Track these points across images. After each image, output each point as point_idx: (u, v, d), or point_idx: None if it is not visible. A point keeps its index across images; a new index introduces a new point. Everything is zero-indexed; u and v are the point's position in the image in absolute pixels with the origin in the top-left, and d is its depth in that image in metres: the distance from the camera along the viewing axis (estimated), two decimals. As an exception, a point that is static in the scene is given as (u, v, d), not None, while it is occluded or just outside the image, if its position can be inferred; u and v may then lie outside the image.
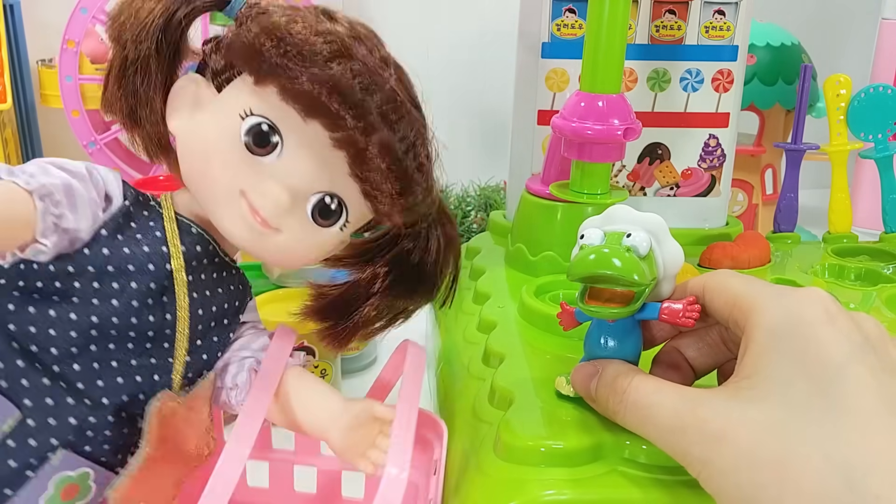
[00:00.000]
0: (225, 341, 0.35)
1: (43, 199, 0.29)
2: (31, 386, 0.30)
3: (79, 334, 0.31)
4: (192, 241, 0.34)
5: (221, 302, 0.35)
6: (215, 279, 0.35)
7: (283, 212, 0.32)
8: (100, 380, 0.31)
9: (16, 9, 0.79)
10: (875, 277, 0.57)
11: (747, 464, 0.27)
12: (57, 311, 0.30)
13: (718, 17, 0.60)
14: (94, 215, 0.31)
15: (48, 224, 0.29)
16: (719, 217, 0.65)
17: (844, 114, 0.65)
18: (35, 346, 0.30)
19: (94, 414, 0.31)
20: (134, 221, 0.33)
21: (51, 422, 0.30)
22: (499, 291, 0.53)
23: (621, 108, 0.51)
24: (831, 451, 0.26)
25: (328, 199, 0.33)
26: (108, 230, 0.32)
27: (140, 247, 0.32)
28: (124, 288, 0.31)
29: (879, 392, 0.27)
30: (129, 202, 0.33)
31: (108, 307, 0.31)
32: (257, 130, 0.32)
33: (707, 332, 0.36)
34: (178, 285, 0.33)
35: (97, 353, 0.31)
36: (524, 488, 0.33)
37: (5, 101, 0.76)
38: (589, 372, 0.35)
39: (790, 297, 0.30)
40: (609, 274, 0.32)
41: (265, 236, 0.33)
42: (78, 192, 0.30)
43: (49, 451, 0.31)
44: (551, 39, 0.60)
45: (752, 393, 0.29)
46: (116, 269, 0.31)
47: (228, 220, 0.33)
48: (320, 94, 0.30)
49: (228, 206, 0.33)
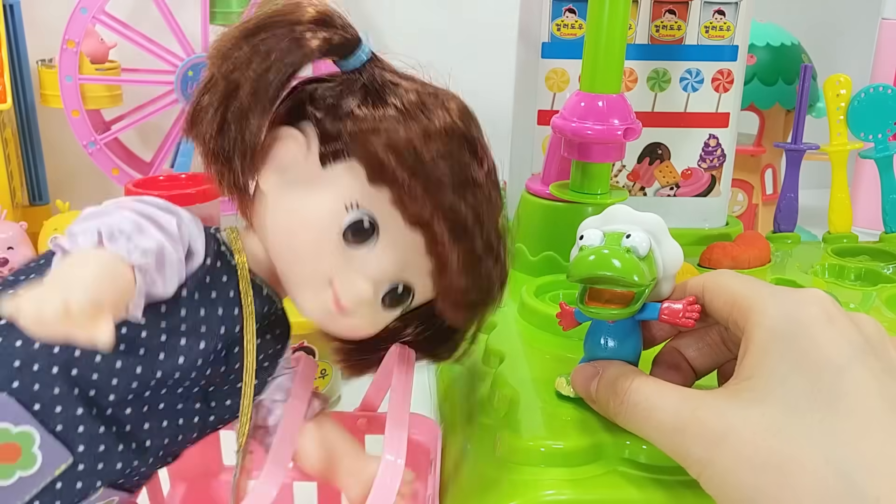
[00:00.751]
0: (263, 383, 0.35)
1: (143, 273, 0.28)
2: (86, 433, 0.29)
3: (139, 385, 0.30)
4: (262, 303, 0.33)
5: (268, 348, 0.35)
6: (267, 325, 0.34)
7: (365, 304, 0.32)
8: (147, 422, 0.31)
9: (16, 9, 0.79)
10: (875, 277, 0.57)
11: (747, 465, 0.27)
12: (123, 362, 0.30)
13: (718, 17, 0.60)
14: (178, 278, 0.30)
15: (141, 294, 0.28)
16: (719, 217, 0.65)
17: (844, 114, 0.65)
18: (95, 391, 0.30)
19: (139, 457, 0.31)
20: (210, 277, 0.32)
21: (99, 466, 0.30)
22: (499, 291, 0.53)
23: (621, 108, 0.51)
24: (831, 452, 0.26)
25: (400, 288, 0.33)
26: (188, 290, 0.31)
27: (215, 308, 0.31)
28: (192, 347, 0.31)
29: (879, 393, 0.27)
30: (210, 261, 0.32)
31: (174, 363, 0.30)
32: (359, 226, 0.31)
33: (707, 332, 0.36)
34: (248, 344, 0.32)
35: (150, 398, 0.31)
36: (524, 488, 0.33)
37: (5, 101, 0.76)
38: (589, 373, 0.35)
39: (790, 297, 0.30)
40: (609, 275, 0.32)
41: (338, 319, 0.33)
42: (169, 257, 0.29)
43: (92, 491, 0.30)
44: (551, 39, 0.60)
45: (752, 394, 0.29)
46: (188, 329, 0.31)
47: (308, 303, 0.33)
48: (433, 218, 0.30)
49: (313, 289, 0.32)
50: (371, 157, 0.30)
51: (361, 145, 0.31)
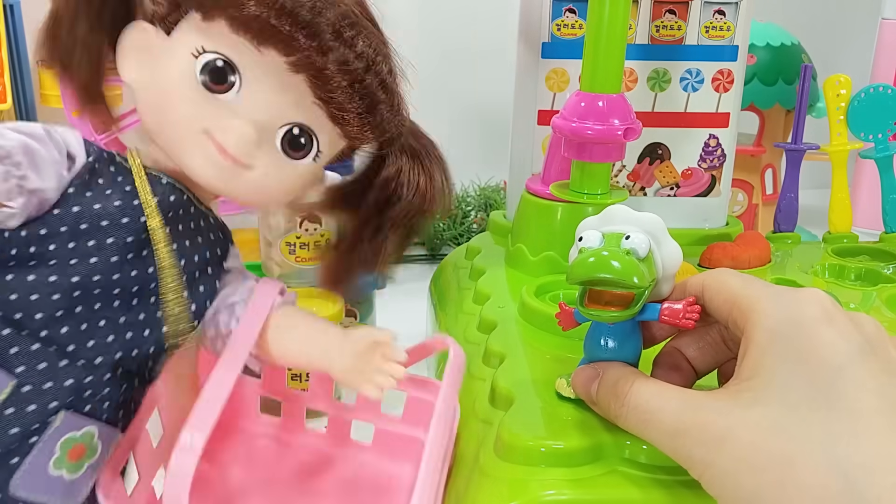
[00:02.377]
0: (212, 290, 0.35)
1: (2, 161, 0.29)
2: (21, 352, 0.30)
3: (62, 296, 0.30)
4: (165, 192, 0.33)
5: (203, 251, 0.35)
6: (193, 228, 0.34)
7: (250, 146, 0.32)
8: (90, 340, 0.31)
9: (16, 9, 0.79)
10: (875, 277, 0.57)
11: (748, 465, 0.27)
12: (36, 276, 0.30)
13: (718, 17, 0.60)
14: (58, 175, 0.31)
15: (11, 186, 0.29)
16: (719, 217, 0.65)
17: (844, 114, 0.65)
18: (19, 313, 0.30)
19: (90, 374, 0.31)
20: (101, 177, 0.32)
21: (47, 385, 0.30)
22: (499, 291, 0.53)
23: (621, 108, 0.51)
24: (832, 452, 0.26)
25: (296, 130, 0.33)
26: (74, 188, 0.31)
27: (111, 201, 0.32)
28: (101, 245, 0.31)
29: (879, 392, 0.27)
30: (94, 158, 0.32)
31: (86, 265, 0.31)
32: (212, 67, 0.32)
33: (707, 332, 0.36)
34: (157, 237, 0.32)
35: (84, 313, 0.31)
36: (524, 488, 0.33)
37: (5, 101, 0.76)
38: (589, 375, 0.35)
39: (789, 297, 0.30)
40: (608, 277, 0.32)
41: (237, 174, 0.33)
42: (38, 152, 0.30)
43: (50, 416, 0.31)
44: (551, 39, 0.60)
45: (752, 395, 0.29)
46: (90, 226, 0.31)
47: (197, 163, 0.33)
48: (269, 17, 0.30)
49: (195, 148, 0.32)
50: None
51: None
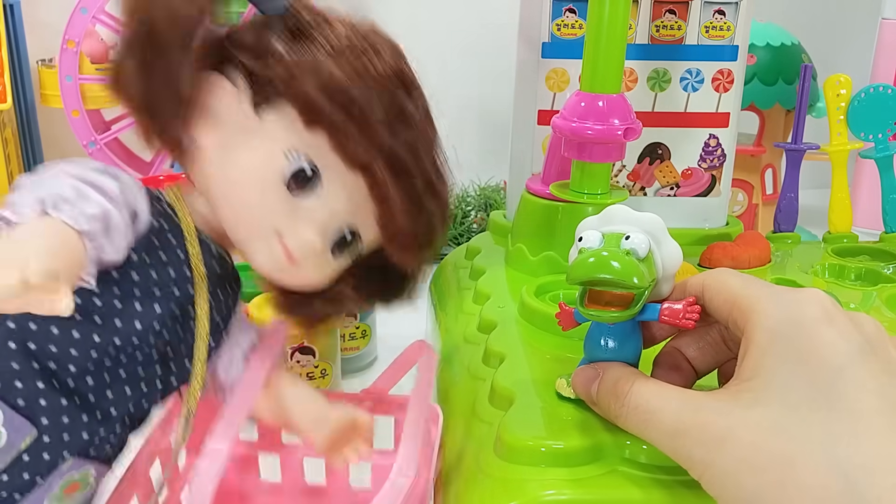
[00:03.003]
0: (220, 339, 0.35)
1: (91, 239, 0.28)
2: (49, 406, 0.30)
3: (98, 354, 0.30)
4: (213, 262, 0.33)
5: (222, 306, 0.35)
6: (220, 285, 0.35)
7: (314, 254, 0.33)
8: (109, 391, 0.31)
9: (16, 9, 0.79)
10: (875, 277, 0.57)
11: (749, 466, 0.27)
12: (80, 332, 0.30)
13: (718, 17, 0.60)
14: (126, 241, 0.30)
15: (91, 259, 0.29)
16: (719, 217, 0.65)
17: (844, 114, 0.65)
18: (54, 364, 0.30)
19: (104, 426, 0.32)
20: (157, 238, 0.32)
21: (65, 437, 0.30)
22: (499, 291, 0.53)
23: (621, 108, 0.51)
24: (832, 453, 0.26)
25: (349, 236, 0.34)
26: (136, 254, 0.31)
27: (166, 269, 0.32)
28: (147, 311, 0.31)
29: (880, 393, 0.27)
30: (156, 221, 0.32)
31: (130, 329, 0.31)
32: (301, 174, 0.32)
33: (707, 331, 0.36)
34: (200, 308, 0.33)
35: (111, 367, 0.31)
36: (524, 488, 0.33)
37: (5, 101, 0.76)
38: (589, 376, 0.35)
39: (789, 298, 0.30)
40: (608, 278, 0.32)
41: (289, 270, 0.33)
42: (115, 221, 0.29)
43: (60, 461, 0.31)
44: (551, 39, 0.60)
45: (752, 395, 0.29)
46: (142, 293, 0.31)
47: (258, 255, 0.33)
48: (373, 160, 0.31)
49: (261, 241, 0.33)
50: (304, 99, 0.31)
51: (293, 87, 0.31)
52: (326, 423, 0.37)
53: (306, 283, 0.35)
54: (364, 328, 0.63)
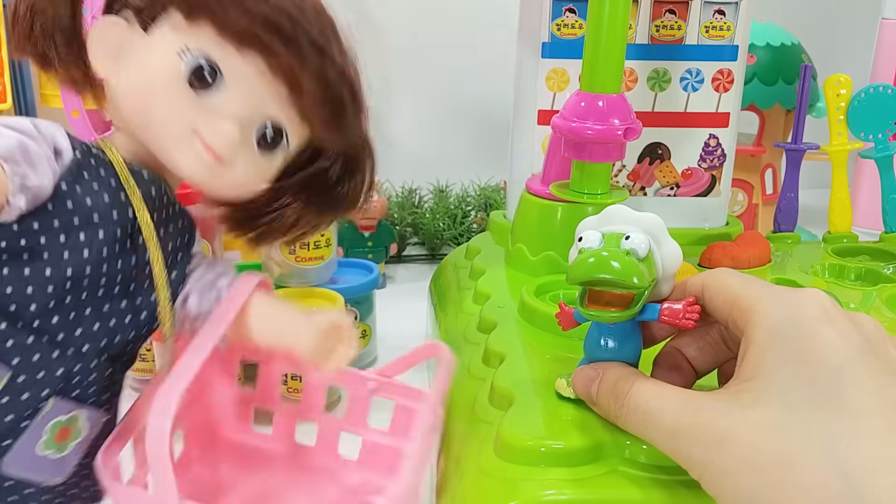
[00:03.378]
0: (183, 275, 0.36)
1: (8, 161, 0.29)
2: (16, 345, 0.31)
3: (55, 288, 0.31)
4: (147, 185, 0.34)
5: (175, 238, 0.36)
6: (168, 217, 0.36)
7: (235, 146, 0.33)
8: (78, 329, 0.32)
9: (16, 9, 0.79)
10: (875, 277, 0.57)
11: (748, 466, 0.27)
12: (31, 269, 0.31)
13: (718, 17, 0.60)
14: (51, 170, 0.31)
15: (15, 185, 0.29)
16: (719, 217, 0.65)
17: (844, 114, 0.65)
18: (14, 305, 0.31)
19: (78, 361, 0.32)
20: (86, 171, 0.33)
21: (39, 375, 0.31)
22: (499, 291, 0.53)
23: (621, 108, 0.51)
24: (832, 453, 0.26)
25: (269, 128, 0.34)
26: (66, 184, 0.32)
27: (100, 196, 0.32)
28: (92, 238, 0.32)
29: (879, 393, 0.27)
30: (79, 153, 0.33)
31: (79, 259, 0.31)
32: (198, 68, 0.32)
33: (707, 331, 0.36)
34: (146, 230, 0.34)
35: (72, 303, 0.32)
36: (524, 488, 0.33)
37: (5, 101, 0.76)
38: (589, 376, 0.35)
39: (789, 298, 0.30)
40: (608, 278, 0.32)
41: (220, 172, 0.34)
42: (33, 149, 0.30)
43: (41, 402, 0.32)
44: (551, 39, 0.60)
45: (752, 395, 0.29)
46: (82, 221, 0.32)
47: (183, 160, 0.34)
48: (252, 26, 0.31)
49: (180, 145, 0.33)
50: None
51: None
52: (307, 330, 0.37)
53: (241, 184, 0.35)
54: (364, 328, 0.63)
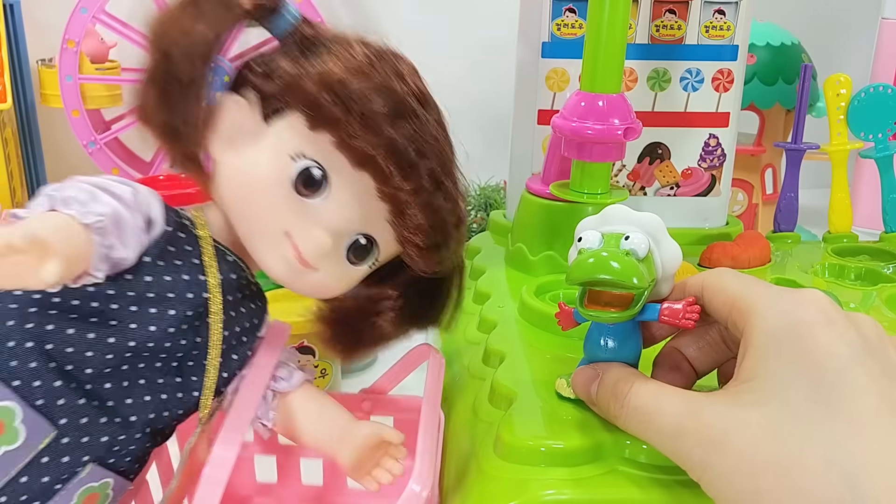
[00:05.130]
0: (244, 358, 0.36)
1: (99, 233, 0.29)
2: (67, 405, 0.30)
3: (115, 356, 0.31)
4: (228, 269, 0.34)
5: (244, 321, 0.35)
6: (241, 299, 0.35)
7: (325, 255, 0.33)
8: (129, 398, 0.32)
9: (16, 9, 0.79)
10: (875, 277, 0.57)
11: (748, 468, 0.27)
12: (96, 334, 0.30)
13: (718, 17, 0.60)
14: (139, 243, 0.31)
15: (100, 256, 0.29)
16: (719, 217, 0.65)
17: (844, 113, 0.65)
18: (71, 365, 0.30)
19: (124, 431, 0.32)
20: (173, 245, 0.32)
21: (84, 440, 0.31)
22: (499, 291, 0.53)
23: (621, 108, 0.51)
24: (831, 455, 0.26)
25: (363, 240, 0.34)
26: (150, 256, 0.31)
27: (180, 274, 0.32)
28: (162, 315, 0.31)
29: (879, 394, 0.27)
30: (171, 227, 0.32)
31: (145, 332, 0.31)
32: (308, 175, 0.32)
33: (707, 331, 0.36)
34: (213, 313, 0.33)
35: (128, 372, 0.31)
36: (524, 488, 0.33)
37: (5, 101, 0.76)
38: (589, 376, 0.35)
39: (788, 299, 0.30)
40: (608, 279, 0.32)
41: (304, 274, 0.34)
42: (126, 221, 0.30)
43: (79, 467, 0.31)
44: (551, 39, 0.60)
45: (751, 397, 0.29)
46: (156, 296, 0.31)
47: (270, 259, 0.33)
48: (377, 154, 0.31)
49: (272, 245, 0.33)
50: (306, 99, 0.31)
51: (296, 91, 0.32)
52: (352, 440, 0.36)
53: (322, 288, 0.35)
54: (364, 328, 0.63)
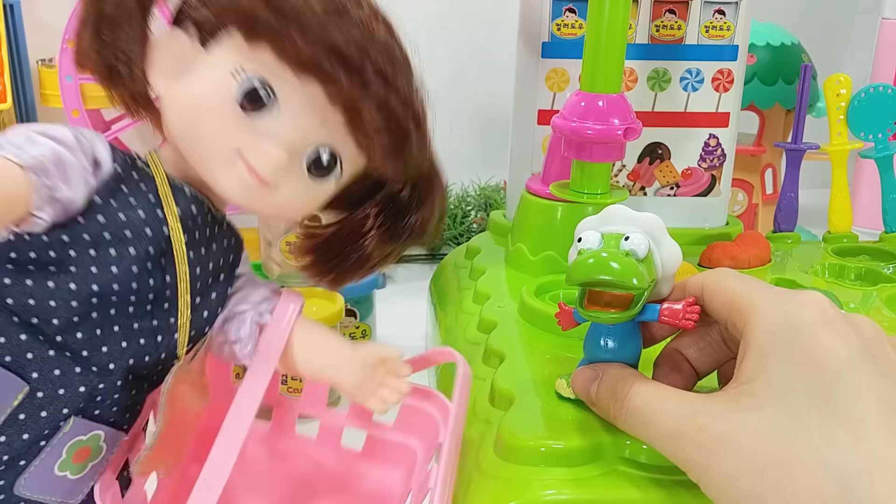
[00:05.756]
0: (223, 296, 0.35)
1: (37, 173, 0.28)
2: (37, 358, 0.30)
3: (79, 303, 0.30)
4: (187, 203, 0.33)
5: (217, 258, 0.35)
6: (209, 236, 0.34)
7: (281, 170, 0.32)
8: (104, 346, 0.31)
9: (16, 9, 0.79)
10: (875, 277, 0.57)
11: (747, 469, 0.27)
12: (55, 282, 0.30)
13: (718, 17, 0.60)
14: (86, 183, 0.30)
15: (43, 197, 0.29)
16: (719, 217, 0.65)
17: (844, 113, 0.65)
18: (36, 318, 0.30)
19: (103, 380, 0.31)
20: (125, 185, 0.32)
21: (60, 392, 0.30)
22: (499, 291, 0.53)
23: (621, 108, 0.51)
24: (830, 457, 0.26)
25: (323, 153, 0.33)
26: (101, 197, 0.31)
27: (135, 211, 0.31)
28: (122, 254, 0.31)
29: (878, 397, 0.27)
30: (119, 165, 0.32)
31: (107, 274, 0.30)
32: (251, 90, 0.31)
33: (707, 332, 0.36)
34: (177, 248, 0.32)
35: (98, 319, 0.31)
36: (524, 488, 0.33)
37: (5, 101, 0.76)
38: (589, 377, 0.35)
39: (788, 300, 0.30)
40: (608, 279, 0.32)
41: (263, 194, 0.33)
42: (68, 161, 0.30)
43: (61, 421, 0.31)
44: (551, 39, 0.60)
45: (751, 399, 0.29)
46: (113, 236, 0.31)
47: (225, 181, 0.32)
48: (315, 53, 0.30)
49: (224, 166, 0.32)
50: (242, 14, 0.31)
51: (231, 7, 0.31)
52: (352, 364, 0.36)
53: (287, 208, 0.34)
54: (364, 328, 0.63)
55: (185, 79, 0.32)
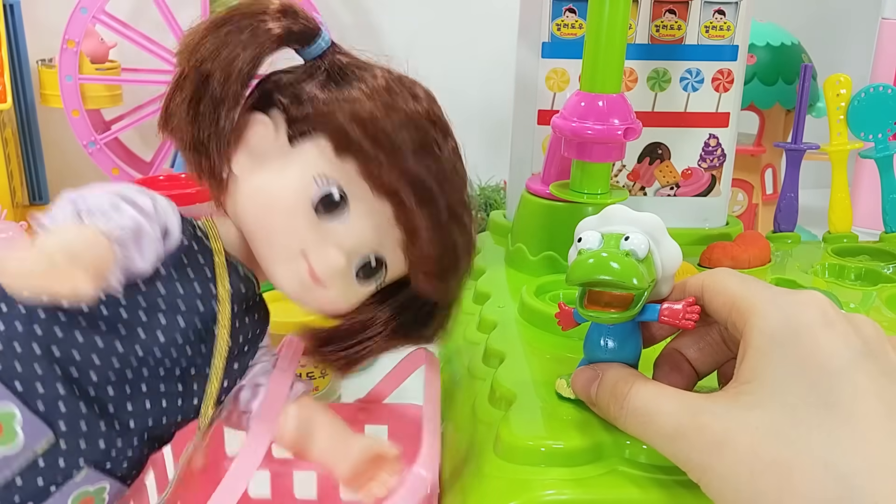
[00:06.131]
0: (244, 368, 0.36)
1: (121, 247, 0.29)
2: (68, 411, 0.30)
3: (121, 364, 0.31)
4: (238, 281, 0.34)
5: (248, 330, 0.35)
6: (245, 310, 0.35)
7: (338, 274, 0.34)
8: (130, 404, 0.32)
9: (16, 9, 0.79)
10: (875, 277, 0.57)
11: (747, 469, 0.27)
12: (104, 341, 0.30)
13: (718, 17, 0.60)
14: (156, 253, 0.31)
15: (119, 266, 0.30)
16: (719, 217, 0.65)
17: (844, 113, 0.65)
18: (77, 371, 0.30)
19: (122, 437, 0.32)
20: (186, 256, 0.33)
21: (81, 444, 0.31)
22: (499, 291, 0.53)
23: (621, 108, 0.51)
24: (830, 457, 0.26)
25: (374, 261, 0.35)
26: (165, 268, 0.32)
27: (192, 285, 0.32)
28: (171, 324, 0.32)
29: (878, 397, 0.27)
30: (185, 237, 0.33)
31: (153, 341, 0.31)
32: (329, 198, 0.33)
33: (707, 332, 0.35)
34: (222, 325, 0.33)
35: (132, 379, 0.31)
36: (524, 488, 0.33)
37: (5, 101, 0.76)
38: (589, 377, 0.35)
39: (788, 300, 0.30)
40: (608, 279, 0.32)
41: (314, 290, 0.34)
42: (146, 233, 0.31)
43: (75, 470, 0.31)
44: (551, 39, 0.60)
45: (751, 399, 0.29)
46: (168, 305, 0.32)
47: (282, 274, 0.34)
48: (400, 186, 0.32)
49: (286, 262, 0.34)
50: (336, 129, 0.32)
51: (327, 119, 0.33)
52: (348, 454, 0.36)
53: (330, 305, 0.35)
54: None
55: (267, 170, 0.34)
